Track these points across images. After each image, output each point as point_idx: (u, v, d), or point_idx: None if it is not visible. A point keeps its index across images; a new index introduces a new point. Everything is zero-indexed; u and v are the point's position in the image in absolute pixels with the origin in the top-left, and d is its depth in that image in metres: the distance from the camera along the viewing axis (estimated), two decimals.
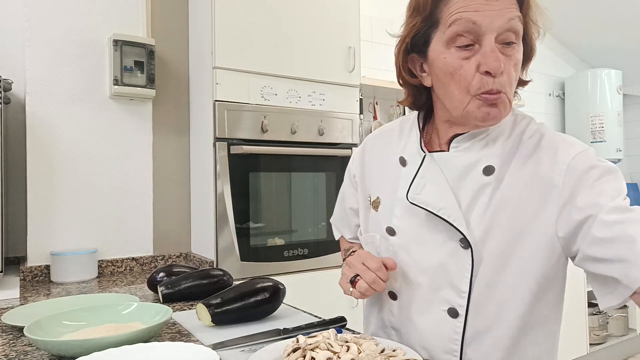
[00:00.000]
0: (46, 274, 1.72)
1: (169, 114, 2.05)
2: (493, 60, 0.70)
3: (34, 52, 1.75)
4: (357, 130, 2.14)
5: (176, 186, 2.06)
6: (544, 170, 0.75)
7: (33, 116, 1.74)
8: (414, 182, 0.83)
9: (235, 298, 1.03)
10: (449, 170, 0.81)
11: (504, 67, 0.71)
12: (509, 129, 0.80)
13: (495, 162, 0.78)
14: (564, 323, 3.16)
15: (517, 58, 0.74)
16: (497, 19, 0.70)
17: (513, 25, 0.71)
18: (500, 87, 0.72)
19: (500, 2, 0.71)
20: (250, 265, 1.83)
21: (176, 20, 2.08)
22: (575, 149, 0.74)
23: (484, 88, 0.72)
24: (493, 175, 0.78)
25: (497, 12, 0.70)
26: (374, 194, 0.93)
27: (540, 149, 0.77)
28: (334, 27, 2.07)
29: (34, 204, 1.73)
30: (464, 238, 0.77)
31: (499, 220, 0.76)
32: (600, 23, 3.47)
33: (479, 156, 0.79)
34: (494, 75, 0.71)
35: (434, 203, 0.79)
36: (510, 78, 0.73)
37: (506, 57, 0.72)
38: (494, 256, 0.76)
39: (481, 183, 0.78)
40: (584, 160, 0.73)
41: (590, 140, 3.66)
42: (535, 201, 0.75)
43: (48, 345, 0.81)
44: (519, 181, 0.76)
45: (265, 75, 1.90)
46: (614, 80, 3.68)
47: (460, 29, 0.71)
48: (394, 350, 0.74)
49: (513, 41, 0.72)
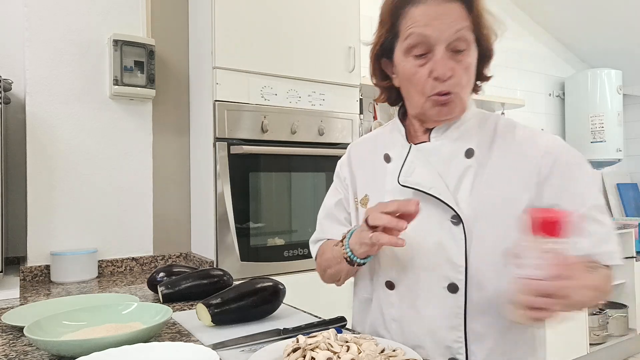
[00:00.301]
0: (46, 274, 1.72)
1: (169, 114, 2.05)
2: (441, 67, 0.82)
3: (34, 52, 1.75)
4: (357, 130, 2.14)
5: (176, 186, 2.06)
6: (525, 151, 0.86)
7: (33, 116, 1.74)
8: (404, 168, 0.91)
9: (235, 298, 1.03)
10: (434, 158, 0.89)
11: (452, 72, 0.82)
12: (478, 123, 0.92)
13: (474, 146, 0.88)
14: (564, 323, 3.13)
15: (468, 62, 0.84)
16: (445, 32, 0.81)
17: (461, 35, 0.82)
18: (449, 89, 0.83)
19: (448, 15, 0.81)
20: (250, 265, 1.83)
21: (176, 20, 2.08)
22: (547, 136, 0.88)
23: (434, 90, 0.84)
24: (474, 158, 0.88)
25: (445, 25, 0.81)
26: (362, 193, 0.99)
27: (519, 135, 0.88)
28: (334, 27, 2.07)
29: (34, 204, 1.73)
30: (456, 214, 0.84)
31: (488, 198, 0.85)
32: (601, 23, 3.47)
33: (459, 143, 0.89)
34: (442, 80, 0.82)
35: (424, 183, 0.87)
36: (460, 80, 0.84)
37: (457, 63, 0.83)
38: (486, 231, 0.84)
39: (465, 165, 0.87)
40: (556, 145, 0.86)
41: (590, 140, 3.66)
42: (521, 179, 0.85)
43: (48, 345, 0.81)
44: (504, 162, 0.86)
45: (265, 75, 1.90)
46: (614, 80, 3.68)
47: (413, 42, 0.83)
48: (394, 350, 0.74)
49: (463, 49, 0.83)
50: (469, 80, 0.86)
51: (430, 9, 0.82)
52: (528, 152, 0.86)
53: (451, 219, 0.85)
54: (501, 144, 0.88)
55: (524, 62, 3.66)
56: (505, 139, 0.89)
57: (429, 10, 0.82)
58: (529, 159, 0.85)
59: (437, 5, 0.82)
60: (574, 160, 0.85)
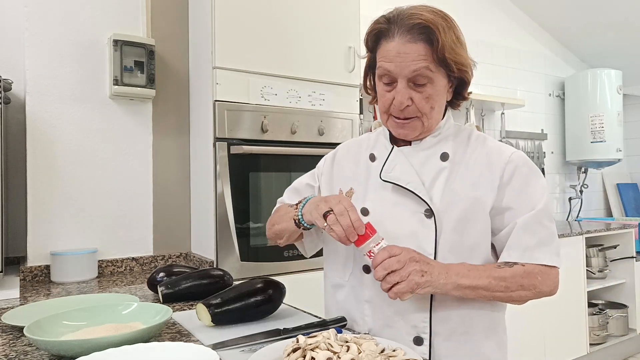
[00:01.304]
0: (46, 274, 1.72)
1: (169, 114, 2.05)
2: (400, 97, 0.95)
3: (34, 52, 1.75)
4: (357, 130, 2.14)
5: (176, 186, 2.06)
6: (493, 159, 0.99)
7: (33, 116, 1.74)
8: (385, 165, 1.03)
9: (235, 298, 1.03)
10: (413, 159, 1.02)
11: (412, 102, 0.95)
12: (453, 134, 1.04)
13: (449, 151, 1.01)
14: (564, 323, 3.13)
15: (429, 93, 0.95)
16: (405, 69, 0.93)
17: (420, 73, 0.93)
18: (407, 115, 0.97)
19: (409, 55, 0.92)
20: (250, 265, 1.83)
21: (176, 20, 2.08)
22: (512, 149, 1.02)
23: (394, 114, 0.98)
24: (448, 161, 1.00)
25: (405, 64, 0.93)
26: (347, 186, 1.09)
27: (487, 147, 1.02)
28: (334, 27, 2.07)
29: (34, 204, 1.73)
30: (429, 208, 0.96)
31: (458, 196, 0.97)
32: (600, 23, 3.47)
33: (436, 148, 1.02)
34: (400, 109, 0.96)
35: (402, 178, 0.99)
36: (421, 108, 0.96)
37: (417, 93, 0.95)
38: (454, 224, 0.95)
39: (440, 167, 1.00)
40: (518, 157, 1.00)
41: (590, 140, 3.66)
42: (486, 181, 0.97)
43: (48, 345, 0.81)
44: (474, 166, 0.99)
45: (265, 75, 1.90)
46: (614, 80, 3.68)
47: (381, 73, 0.97)
48: (394, 350, 0.74)
49: (423, 83, 0.94)
50: (433, 107, 0.97)
51: (397, 47, 0.93)
52: (494, 160, 0.99)
53: (424, 212, 0.96)
54: (473, 152, 1.01)
55: (524, 62, 3.66)
56: (477, 148, 1.02)
57: (396, 47, 0.93)
58: (494, 165, 0.98)
59: (402, 45, 0.93)
60: (530, 172, 0.99)
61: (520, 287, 0.92)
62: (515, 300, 0.94)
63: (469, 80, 1.01)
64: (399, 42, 0.93)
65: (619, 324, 3.22)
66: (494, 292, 0.91)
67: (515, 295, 0.92)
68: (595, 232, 3.06)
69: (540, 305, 2.73)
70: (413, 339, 0.96)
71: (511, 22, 3.57)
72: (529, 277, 0.92)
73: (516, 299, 0.94)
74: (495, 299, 0.94)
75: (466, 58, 0.97)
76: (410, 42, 0.92)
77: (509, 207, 0.96)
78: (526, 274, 0.92)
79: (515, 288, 0.92)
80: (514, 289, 0.92)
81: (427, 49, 0.92)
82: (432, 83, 0.95)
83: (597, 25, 3.51)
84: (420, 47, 0.92)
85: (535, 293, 0.93)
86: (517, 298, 0.93)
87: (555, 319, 2.80)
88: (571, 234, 2.90)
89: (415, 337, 0.96)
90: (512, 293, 0.92)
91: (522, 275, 0.92)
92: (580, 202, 3.88)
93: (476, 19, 3.37)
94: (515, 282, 0.92)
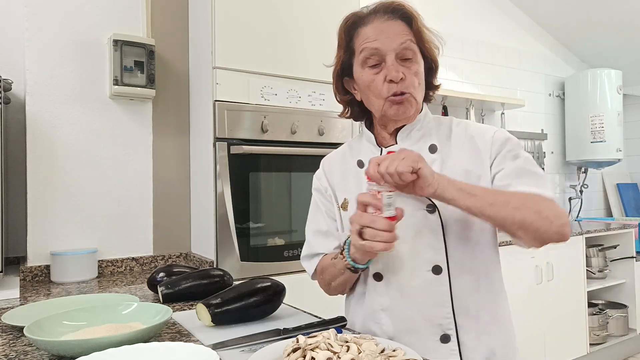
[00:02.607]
0: (46, 274, 1.72)
1: (169, 114, 2.05)
2: (393, 71, 0.94)
3: (34, 52, 1.75)
4: (357, 131, 2.14)
5: (176, 186, 2.06)
6: (478, 143, 0.99)
7: (33, 116, 1.74)
8: None
9: (235, 298, 1.03)
10: None
11: (403, 75, 0.95)
12: (435, 125, 1.05)
13: (435, 142, 1.01)
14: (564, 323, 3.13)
15: (416, 69, 0.97)
16: (392, 43, 0.95)
17: (405, 46, 0.95)
18: (403, 89, 0.95)
19: (392, 31, 0.95)
20: (250, 265, 1.83)
21: (176, 20, 2.08)
22: (494, 128, 1.02)
23: (391, 92, 0.96)
24: (437, 153, 1.00)
25: (391, 39, 0.95)
26: (341, 198, 1.08)
27: (470, 131, 1.02)
28: (334, 27, 2.06)
29: (34, 204, 1.73)
30: (431, 203, 0.95)
31: None
32: (600, 23, 3.47)
33: (422, 141, 1.02)
34: (396, 82, 0.95)
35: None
36: (412, 82, 0.96)
37: (406, 68, 0.96)
38: (455, 214, 0.94)
39: (430, 159, 0.99)
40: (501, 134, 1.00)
41: (591, 140, 3.66)
42: (477, 166, 0.98)
43: (48, 345, 0.81)
44: (462, 153, 0.99)
45: (265, 75, 1.90)
46: (614, 80, 3.67)
47: (367, 55, 0.97)
48: (394, 350, 0.74)
49: (410, 57, 0.96)
50: (420, 85, 0.98)
51: (378, 27, 0.96)
52: (479, 144, 0.99)
53: (426, 208, 0.96)
54: (458, 139, 1.01)
55: (524, 62, 3.66)
56: (460, 135, 1.02)
57: (377, 27, 0.96)
58: (480, 148, 0.99)
59: (382, 23, 0.96)
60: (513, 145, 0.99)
61: (523, 205, 0.86)
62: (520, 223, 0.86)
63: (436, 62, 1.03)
64: (378, 22, 0.97)
65: (619, 324, 3.22)
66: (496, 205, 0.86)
67: (518, 216, 0.85)
68: (595, 232, 3.06)
69: (540, 305, 2.73)
70: (440, 338, 0.94)
71: (511, 22, 3.57)
72: (532, 199, 0.88)
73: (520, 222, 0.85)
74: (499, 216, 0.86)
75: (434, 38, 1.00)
76: (390, 19, 0.96)
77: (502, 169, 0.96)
78: (529, 195, 0.88)
79: (517, 204, 0.86)
80: (516, 205, 0.86)
81: (406, 27, 0.97)
82: (416, 59, 0.97)
83: (598, 25, 3.51)
84: (401, 25, 0.96)
85: (542, 219, 0.86)
86: (520, 219, 0.85)
87: (555, 319, 2.80)
88: (571, 234, 2.90)
89: (442, 336, 0.94)
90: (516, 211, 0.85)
91: (524, 196, 0.88)
92: (580, 202, 3.88)
93: (476, 19, 3.37)
94: (517, 198, 0.87)
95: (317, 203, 1.13)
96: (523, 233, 0.87)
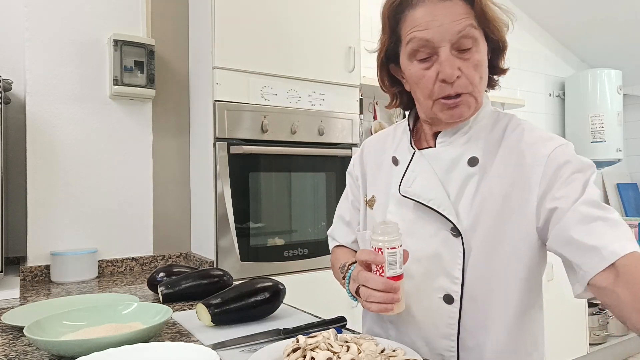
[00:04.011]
0: (46, 274, 1.72)
1: (169, 114, 2.05)
2: (448, 68, 0.78)
3: (34, 52, 1.75)
4: (357, 131, 2.14)
5: (176, 186, 2.06)
6: (527, 162, 0.80)
7: (33, 116, 1.74)
8: (404, 177, 0.89)
9: (235, 298, 1.03)
10: (437, 165, 0.87)
11: (461, 72, 0.79)
12: (491, 124, 0.88)
13: (479, 154, 0.84)
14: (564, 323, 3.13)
15: (477, 59, 0.80)
16: (447, 33, 0.78)
17: (464, 34, 0.78)
18: (459, 90, 0.80)
19: (448, 15, 0.77)
20: (250, 265, 1.83)
21: (176, 20, 2.08)
22: (555, 143, 0.80)
23: (443, 94, 0.81)
24: (477, 166, 0.84)
25: (445, 27, 0.78)
26: (370, 193, 0.98)
27: (523, 143, 0.82)
28: (334, 27, 2.07)
29: (34, 204, 1.73)
30: (455, 227, 0.82)
31: (487, 209, 0.82)
32: (600, 23, 3.47)
33: (464, 149, 0.85)
34: (450, 82, 0.79)
35: (424, 195, 0.85)
36: (471, 79, 0.80)
37: (464, 61, 0.79)
38: (484, 243, 0.81)
39: (467, 174, 0.84)
40: (562, 153, 0.79)
41: (590, 140, 3.66)
42: (519, 190, 0.80)
43: (48, 345, 0.81)
44: (505, 172, 0.82)
45: (265, 75, 1.90)
46: (614, 80, 3.67)
47: (415, 46, 0.80)
48: (394, 350, 0.74)
49: (469, 46, 0.79)
50: (482, 77, 0.82)
51: (429, 10, 0.78)
52: (528, 162, 0.80)
53: (451, 230, 0.83)
54: (505, 151, 0.84)
55: (524, 62, 3.66)
56: (510, 146, 0.84)
57: (428, 11, 0.78)
58: (527, 169, 0.80)
59: (435, 5, 0.78)
60: (576, 169, 0.77)
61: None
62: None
63: (505, 42, 0.85)
64: (429, 4, 0.79)
65: (619, 324, 3.22)
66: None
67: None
68: None
69: None
70: None
71: (511, 22, 3.56)
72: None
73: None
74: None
75: (503, 18, 0.82)
76: (443, 0, 0.78)
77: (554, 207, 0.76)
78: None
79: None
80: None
81: (464, 5, 0.79)
82: (478, 47, 0.80)
83: (598, 25, 3.51)
84: (459, 4, 0.78)
85: None
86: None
87: (555, 319, 2.80)
88: None
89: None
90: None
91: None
92: None
93: None
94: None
95: (347, 189, 1.08)
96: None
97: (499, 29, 0.82)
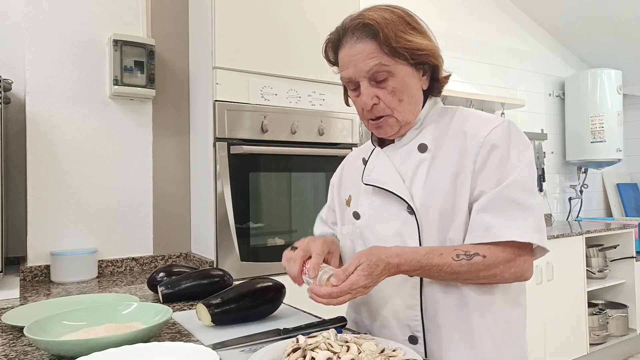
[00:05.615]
0: (46, 274, 1.72)
1: (169, 114, 2.05)
2: (364, 98, 0.94)
3: (34, 52, 1.75)
4: (357, 130, 2.14)
5: (176, 186, 2.06)
6: (468, 143, 0.92)
7: (33, 116, 1.74)
8: (366, 168, 1.04)
9: (235, 298, 1.03)
10: (395, 157, 1.00)
11: (379, 99, 0.94)
12: (437, 118, 1.00)
13: (427, 141, 0.97)
14: (564, 323, 3.12)
15: (392, 86, 0.93)
16: (360, 71, 0.93)
17: (375, 70, 0.92)
18: (378, 114, 0.95)
19: (360, 56, 0.92)
20: (250, 265, 1.83)
21: (176, 20, 2.08)
22: (492, 124, 0.93)
23: (368, 116, 0.98)
24: (427, 152, 0.96)
25: (359, 67, 0.92)
26: (347, 194, 1.11)
27: (467, 125, 0.95)
28: (334, 27, 2.07)
29: (34, 204, 1.73)
30: (409, 206, 0.93)
31: (438, 187, 0.93)
32: (600, 23, 3.47)
33: (415, 140, 0.99)
34: (368, 109, 0.95)
35: (380, 179, 0.99)
36: (388, 103, 0.94)
37: (381, 89, 0.94)
38: (439, 217, 0.92)
39: (419, 159, 0.97)
40: (497, 134, 0.91)
41: (590, 140, 3.66)
42: (464, 169, 0.92)
43: (48, 345, 0.81)
44: (452, 153, 0.94)
45: (265, 75, 1.90)
46: (614, 80, 3.67)
47: (344, 82, 0.99)
48: (394, 350, 0.74)
49: (384, 78, 0.93)
50: (401, 100, 0.94)
51: (347, 53, 0.95)
52: (469, 144, 0.92)
53: (407, 209, 0.94)
54: (452, 135, 0.96)
55: (524, 62, 3.66)
56: (456, 129, 0.96)
57: (346, 53, 0.95)
58: (468, 150, 0.92)
59: (351, 48, 0.94)
60: (509, 146, 0.90)
61: (477, 277, 0.87)
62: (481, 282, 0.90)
63: (435, 63, 0.96)
64: (348, 46, 0.95)
65: (619, 324, 3.22)
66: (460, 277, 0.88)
67: (475, 281, 0.90)
68: (595, 232, 3.06)
69: (540, 305, 2.73)
70: (408, 338, 0.94)
71: (511, 22, 3.57)
72: (487, 269, 0.86)
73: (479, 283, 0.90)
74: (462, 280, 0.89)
75: (422, 43, 0.92)
76: (357, 42, 0.93)
77: (482, 191, 0.89)
78: (485, 267, 0.86)
79: (472, 278, 0.87)
80: (471, 278, 0.88)
81: (374, 44, 0.91)
82: (394, 76, 0.93)
83: (598, 25, 3.51)
84: (368, 45, 0.92)
85: (499, 280, 0.89)
86: (478, 282, 0.90)
87: (555, 319, 2.80)
88: (571, 234, 2.90)
89: (410, 337, 0.94)
90: (471, 281, 0.89)
91: (480, 268, 0.86)
92: (580, 202, 3.88)
93: (476, 19, 3.37)
94: (473, 274, 0.86)
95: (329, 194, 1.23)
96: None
97: (417, 53, 0.93)
